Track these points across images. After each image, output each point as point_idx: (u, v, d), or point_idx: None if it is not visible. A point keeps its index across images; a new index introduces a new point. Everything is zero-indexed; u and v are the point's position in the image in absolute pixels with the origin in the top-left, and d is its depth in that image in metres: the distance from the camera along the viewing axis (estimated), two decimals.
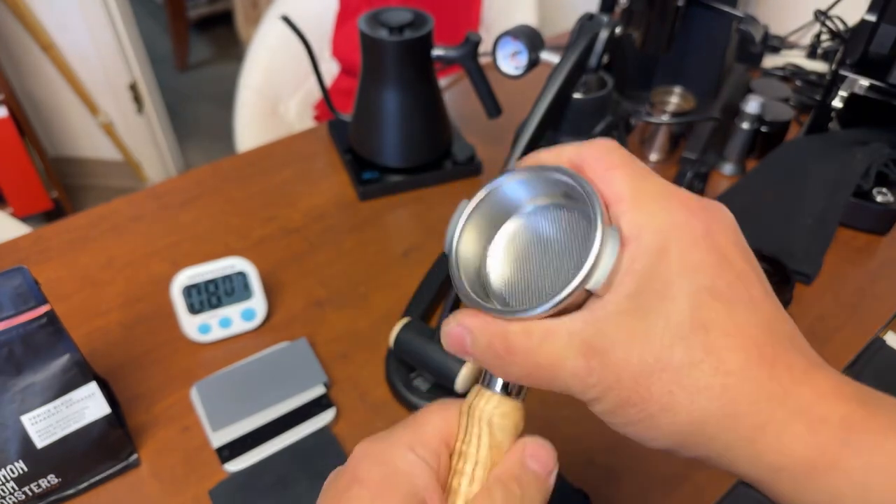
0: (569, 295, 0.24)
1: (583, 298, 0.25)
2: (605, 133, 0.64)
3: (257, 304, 0.64)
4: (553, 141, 0.64)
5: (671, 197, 0.25)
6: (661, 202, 0.24)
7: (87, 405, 0.49)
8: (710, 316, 0.23)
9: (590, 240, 0.25)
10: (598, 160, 0.26)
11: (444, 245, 0.30)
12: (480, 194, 0.29)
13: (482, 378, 0.29)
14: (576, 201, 0.27)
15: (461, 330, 0.27)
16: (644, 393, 0.23)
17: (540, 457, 0.27)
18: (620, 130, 0.67)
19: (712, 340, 0.23)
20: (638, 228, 0.24)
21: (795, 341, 0.25)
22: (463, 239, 0.29)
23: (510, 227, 0.30)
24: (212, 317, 0.62)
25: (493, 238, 0.30)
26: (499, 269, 0.29)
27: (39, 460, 0.48)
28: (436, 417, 0.28)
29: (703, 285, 0.23)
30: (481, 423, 0.28)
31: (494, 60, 0.65)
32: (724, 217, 0.25)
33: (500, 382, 0.28)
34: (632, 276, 0.24)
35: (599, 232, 0.24)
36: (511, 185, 0.28)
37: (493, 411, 0.28)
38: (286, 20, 0.75)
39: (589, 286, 0.24)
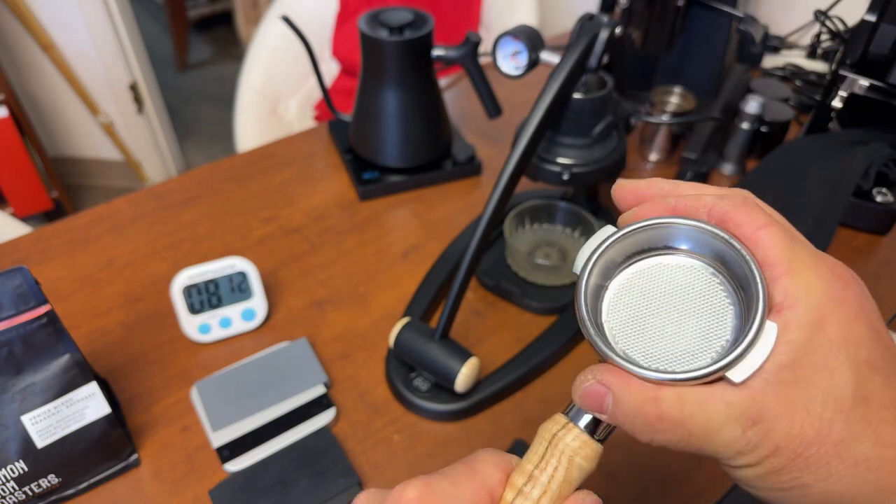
0: (709, 373, 0.24)
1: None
2: (605, 133, 0.64)
3: (257, 303, 0.64)
4: (553, 141, 0.64)
5: (822, 264, 0.25)
6: (814, 270, 0.24)
7: (88, 405, 0.49)
8: (869, 389, 0.23)
9: (746, 328, 0.24)
10: (746, 217, 0.25)
11: (575, 266, 0.28)
12: (632, 227, 0.28)
13: (568, 409, 0.28)
14: (727, 267, 0.27)
15: (602, 389, 0.26)
16: (801, 463, 0.23)
17: None
18: (620, 130, 0.67)
19: (871, 413, 0.23)
20: (794, 299, 0.24)
21: None
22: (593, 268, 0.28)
23: (642, 269, 0.28)
24: (212, 317, 0.62)
25: (615, 274, 0.29)
26: (616, 307, 0.28)
27: (40, 460, 0.48)
28: (490, 468, 0.27)
29: (862, 358, 0.23)
30: (562, 458, 0.27)
31: (494, 60, 0.65)
32: (864, 287, 0.26)
33: (587, 420, 0.28)
34: (788, 346, 0.24)
35: (756, 327, 0.24)
36: (663, 229, 0.28)
37: (577, 451, 0.27)
38: (286, 20, 0.75)
39: (731, 376, 0.24)
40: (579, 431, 0.27)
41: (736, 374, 0.24)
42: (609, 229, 0.28)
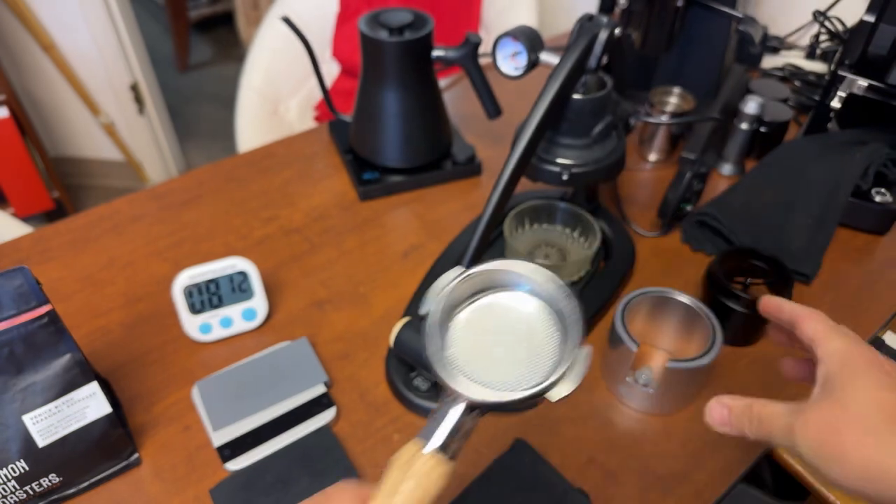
0: (536, 393, 0.31)
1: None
2: (605, 133, 0.64)
3: (258, 303, 0.64)
4: (553, 141, 0.64)
5: (846, 338, 0.37)
6: (845, 339, 0.37)
7: (89, 405, 0.49)
8: (888, 403, 0.33)
9: (564, 356, 0.31)
10: (812, 318, 0.39)
11: (422, 307, 0.34)
12: (474, 270, 0.34)
13: (421, 434, 0.32)
14: (553, 305, 0.33)
15: (723, 408, 0.39)
16: (838, 438, 0.33)
17: None
18: (620, 130, 0.67)
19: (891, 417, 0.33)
20: (829, 353, 0.37)
21: None
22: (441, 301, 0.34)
23: (482, 305, 0.35)
24: (213, 316, 0.63)
25: (460, 311, 0.35)
26: (459, 339, 0.34)
27: (41, 459, 0.48)
28: (347, 497, 0.31)
29: (879, 382, 0.34)
30: (420, 479, 0.30)
31: (494, 61, 0.66)
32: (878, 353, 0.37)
33: (438, 443, 0.31)
34: (822, 376, 0.36)
35: (570, 356, 0.31)
36: (501, 273, 0.34)
37: (432, 469, 0.31)
38: (287, 21, 0.75)
39: (549, 397, 0.30)
40: (432, 454, 0.31)
41: (553, 395, 0.30)
42: (456, 270, 0.34)
